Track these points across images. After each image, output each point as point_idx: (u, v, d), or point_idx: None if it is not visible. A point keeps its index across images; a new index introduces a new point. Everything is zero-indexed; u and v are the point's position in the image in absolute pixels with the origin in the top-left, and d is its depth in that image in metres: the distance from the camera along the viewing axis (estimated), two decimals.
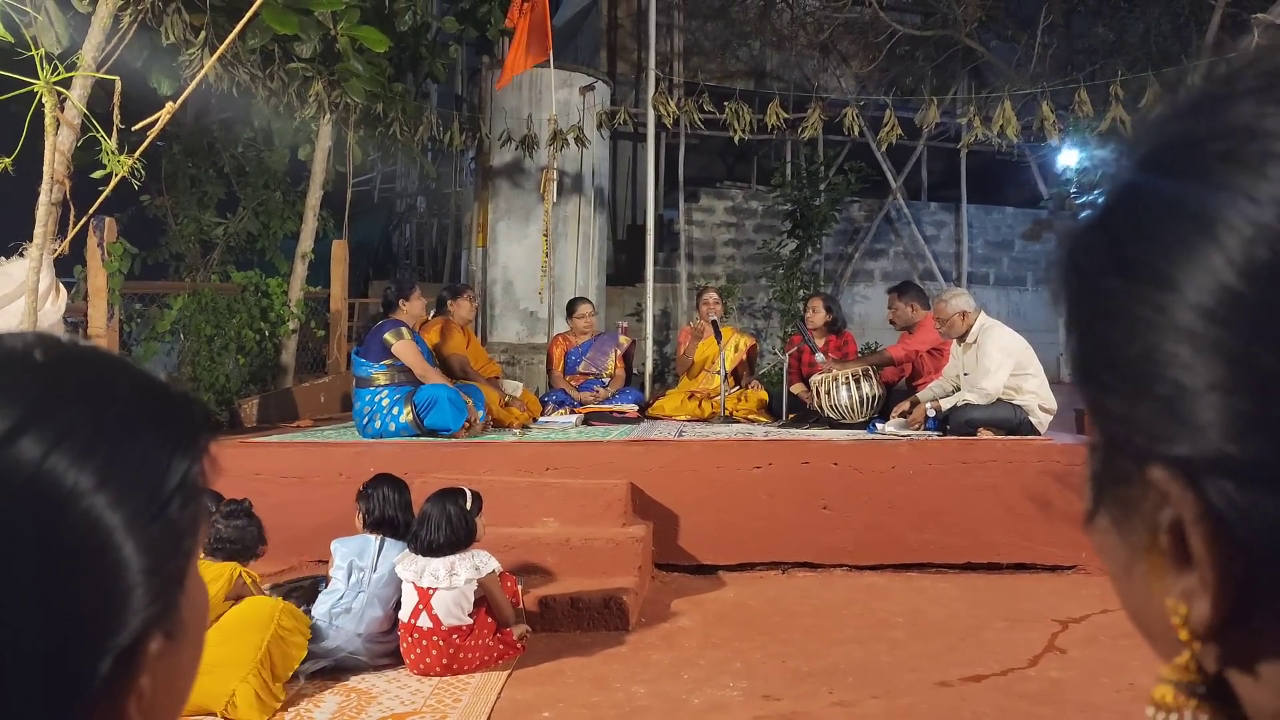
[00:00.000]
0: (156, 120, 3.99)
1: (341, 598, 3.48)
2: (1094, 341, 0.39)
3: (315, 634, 3.37)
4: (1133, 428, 0.38)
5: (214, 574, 3.18)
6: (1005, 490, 4.90)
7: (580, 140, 9.22)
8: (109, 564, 0.44)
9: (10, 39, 4.20)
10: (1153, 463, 0.37)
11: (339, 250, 8.09)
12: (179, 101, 4.13)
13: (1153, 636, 0.40)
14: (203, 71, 4.38)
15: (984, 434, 5.22)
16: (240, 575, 3.28)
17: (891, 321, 6.57)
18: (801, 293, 11.42)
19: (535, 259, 9.48)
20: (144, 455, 0.48)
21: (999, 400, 5.26)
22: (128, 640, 0.45)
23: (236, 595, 3.36)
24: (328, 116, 7.30)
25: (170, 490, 0.48)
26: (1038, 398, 5.34)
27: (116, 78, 4.09)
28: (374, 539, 3.63)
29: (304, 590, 3.87)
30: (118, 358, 0.51)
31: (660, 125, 9.67)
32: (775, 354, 9.73)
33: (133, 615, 0.45)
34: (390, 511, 3.66)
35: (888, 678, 3.43)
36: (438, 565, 3.40)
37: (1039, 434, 5.30)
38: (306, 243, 7.54)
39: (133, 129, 4.09)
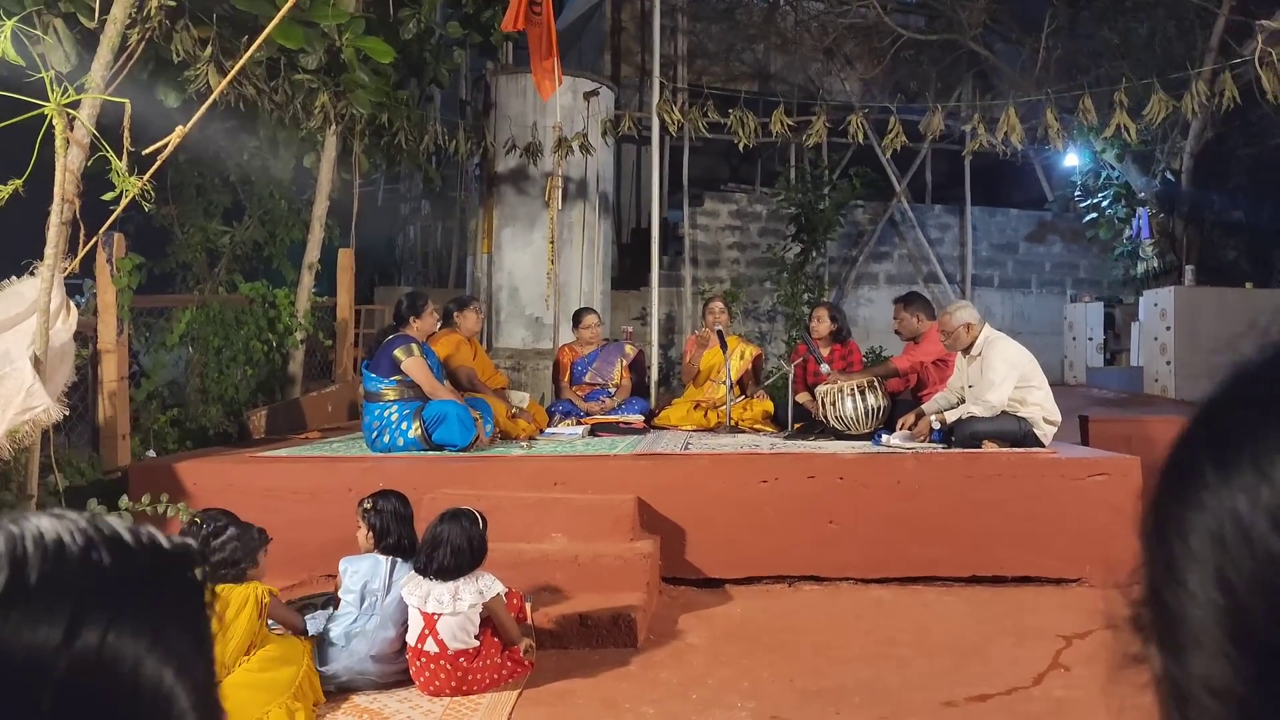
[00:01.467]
0: (166, 145, 4.02)
1: (355, 620, 3.51)
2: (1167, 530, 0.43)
3: (329, 656, 3.41)
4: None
5: (240, 598, 3.23)
6: (1010, 503, 4.92)
7: (585, 148, 9.25)
8: (173, 716, 0.48)
9: (20, 62, 4.22)
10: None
11: (345, 259, 8.12)
12: (189, 125, 4.15)
13: None
14: (215, 94, 4.40)
15: (989, 446, 5.24)
16: (265, 599, 3.34)
17: (897, 332, 6.59)
18: (806, 297, 11.45)
19: (540, 265, 9.51)
20: (178, 608, 0.51)
21: (1003, 413, 5.28)
22: None
23: (273, 614, 3.45)
24: (333, 127, 7.33)
25: (204, 629, 0.52)
26: (1042, 410, 5.36)
27: (126, 100, 4.12)
28: (384, 560, 3.66)
29: (317, 607, 3.91)
30: (133, 528, 0.53)
31: (664, 129, 9.69)
32: (781, 362, 9.74)
33: None
34: (404, 538, 3.68)
35: (894, 698, 3.46)
36: (442, 590, 3.42)
37: (1043, 446, 5.33)
38: (313, 253, 7.57)
39: (144, 153, 4.11)
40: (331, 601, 3.79)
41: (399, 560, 3.65)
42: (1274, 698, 0.36)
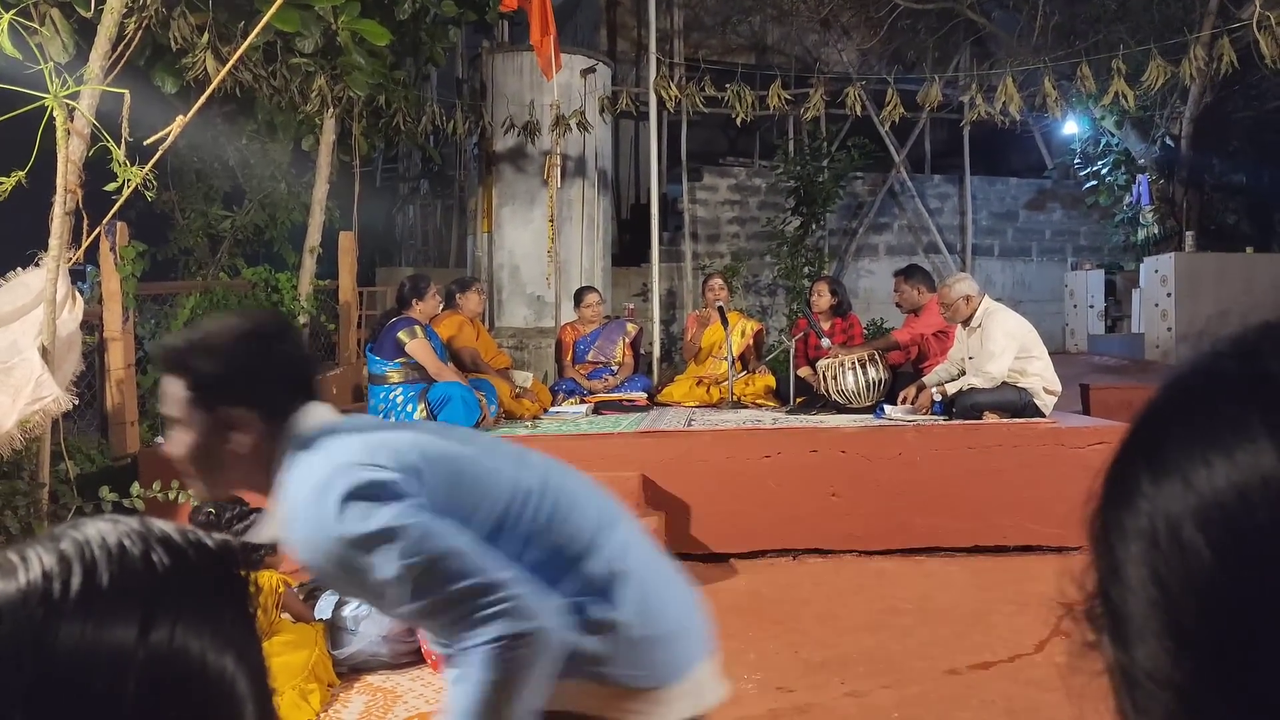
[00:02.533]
0: (169, 134, 4.04)
1: (360, 604, 3.57)
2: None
3: (341, 640, 3.48)
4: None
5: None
6: (1011, 473, 4.98)
7: (583, 125, 9.23)
8: (236, 700, 0.53)
9: (18, 55, 4.23)
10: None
11: (346, 242, 8.13)
12: (190, 114, 4.17)
13: None
14: (215, 82, 4.41)
15: (989, 417, 5.29)
16: (280, 589, 3.41)
17: (898, 304, 6.62)
18: (806, 270, 11.44)
19: (541, 244, 9.52)
20: (230, 600, 0.56)
21: (1004, 384, 5.32)
22: None
23: (286, 605, 3.52)
24: (331, 110, 7.32)
25: (252, 619, 0.57)
26: (1042, 380, 5.40)
27: (126, 91, 4.13)
28: None
29: (326, 590, 3.97)
30: (180, 529, 0.57)
31: (662, 105, 9.67)
32: (782, 336, 9.78)
33: None
34: None
35: (898, 666, 3.53)
36: None
37: (1044, 416, 5.37)
38: (314, 237, 7.58)
39: (146, 143, 4.14)
40: None
41: None
42: (1208, 684, 0.41)
